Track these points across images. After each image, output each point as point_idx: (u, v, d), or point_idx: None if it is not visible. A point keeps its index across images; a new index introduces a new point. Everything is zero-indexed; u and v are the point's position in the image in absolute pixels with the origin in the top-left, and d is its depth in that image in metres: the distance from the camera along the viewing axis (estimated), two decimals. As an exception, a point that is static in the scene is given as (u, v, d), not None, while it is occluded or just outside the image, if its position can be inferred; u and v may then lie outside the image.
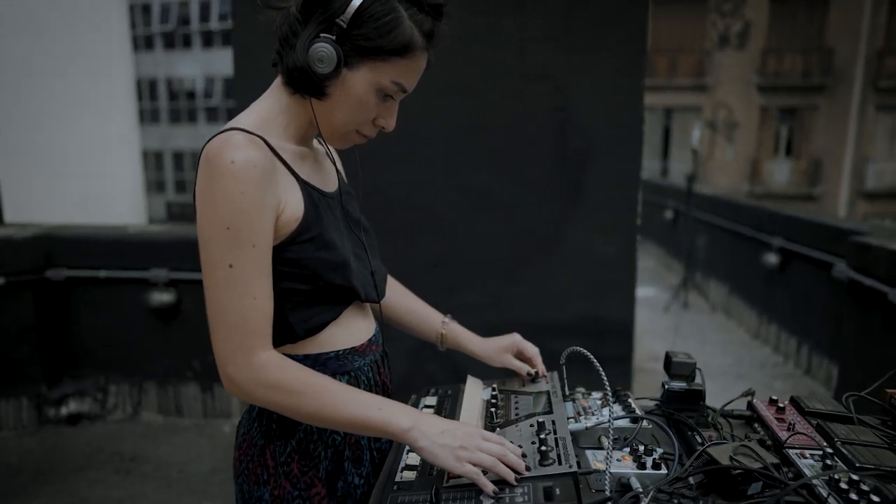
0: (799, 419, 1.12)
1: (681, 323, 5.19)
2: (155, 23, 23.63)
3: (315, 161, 1.02)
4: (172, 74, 23.77)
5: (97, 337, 3.37)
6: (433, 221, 2.25)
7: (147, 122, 21.33)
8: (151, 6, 23.49)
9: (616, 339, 2.26)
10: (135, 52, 10.25)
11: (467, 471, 0.84)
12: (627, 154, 2.13)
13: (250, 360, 0.85)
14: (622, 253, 2.21)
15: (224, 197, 0.82)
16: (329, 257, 0.93)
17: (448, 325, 1.26)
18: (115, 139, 6.81)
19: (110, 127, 6.64)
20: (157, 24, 23.62)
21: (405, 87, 0.94)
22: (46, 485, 2.76)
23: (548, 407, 1.10)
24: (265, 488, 0.98)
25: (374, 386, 1.06)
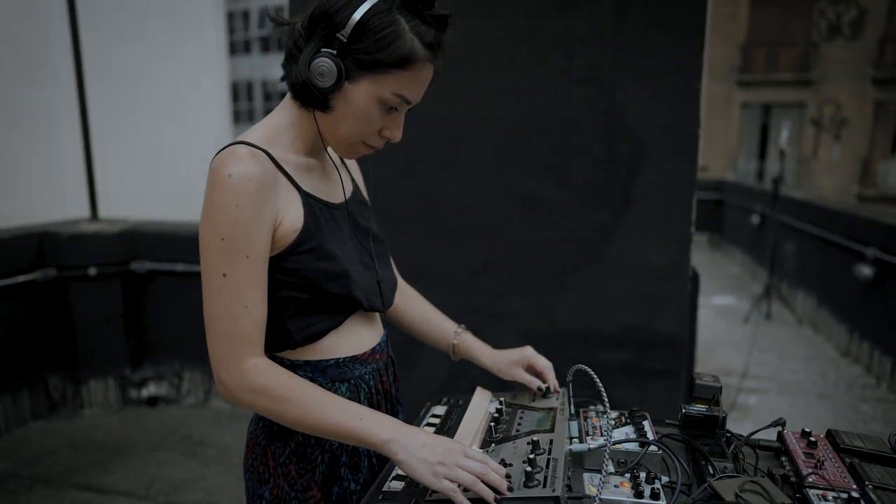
0: (831, 456, 1.03)
1: (761, 335, 4.88)
2: (253, 28, 25.01)
3: (323, 172, 1.04)
4: (268, 76, 25.06)
5: (174, 326, 3.62)
6: (479, 226, 2.24)
7: (243, 122, 22.58)
8: (250, 13, 24.85)
9: (666, 352, 2.16)
10: (233, 56, 10.90)
11: (444, 487, 0.83)
12: (681, 159, 2.03)
13: (240, 365, 0.89)
14: (674, 262, 2.11)
15: (220, 209, 0.86)
16: (328, 268, 0.95)
17: (460, 335, 1.25)
18: (210, 139, 7.26)
19: (205, 128, 7.09)
20: (254, 30, 24.99)
21: (408, 99, 0.94)
22: (123, 461, 2.99)
23: (550, 425, 1.07)
24: (266, 486, 1.02)
25: (374, 394, 1.07)
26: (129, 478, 2.84)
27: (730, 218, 8.57)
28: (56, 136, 3.75)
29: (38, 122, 3.65)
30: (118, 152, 4.18)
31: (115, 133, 3.59)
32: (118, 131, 3.36)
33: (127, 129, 3.20)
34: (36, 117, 3.63)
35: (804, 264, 5.56)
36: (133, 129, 4.47)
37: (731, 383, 3.88)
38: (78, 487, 2.77)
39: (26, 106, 3.58)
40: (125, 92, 3.98)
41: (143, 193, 4.73)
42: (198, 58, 6.71)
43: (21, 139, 3.57)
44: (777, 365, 4.27)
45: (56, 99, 3.73)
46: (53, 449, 3.15)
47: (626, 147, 2.06)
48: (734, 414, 3.41)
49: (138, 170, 4.67)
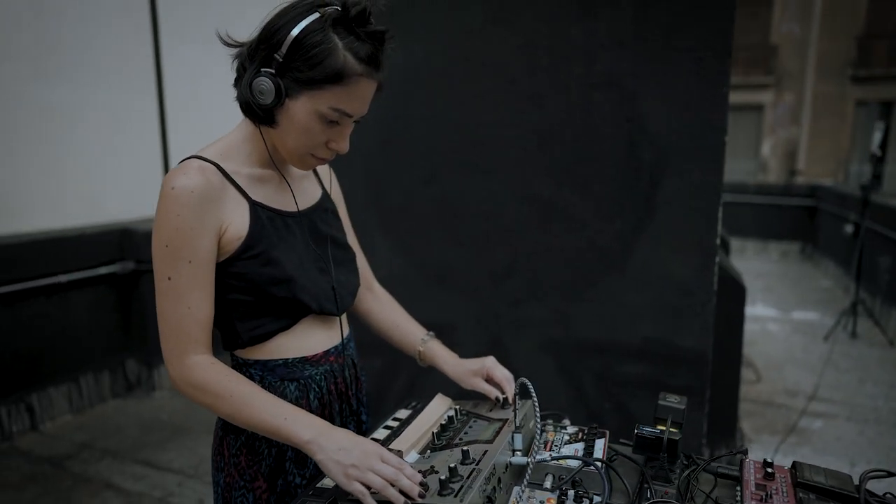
0: (785, 489, 0.97)
1: (843, 355, 4.50)
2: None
3: (279, 183, 1.10)
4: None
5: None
6: (499, 232, 2.24)
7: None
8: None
9: (688, 368, 2.07)
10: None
11: (354, 489, 0.87)
12: (706, 167, 1.94)
13: (182, 361, 0.96)
14: (698, 274, 2.01)
15: (163, 218, 0.94)
16: (272, 273, 1.01)
17: (427, 342, 1.28)
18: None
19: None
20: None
21: (348, 112, 0.98)
22: (179, 441, 3.24)
23: (493, 436, 1.08)
24: (221, 474, 1.10)
25: (326, 394, 1.12)
26: (182, 457, 3.07)
27: (824, 227, 7.94)
28: (137, 138, 4.10)
29: (123, 125, 4.00)
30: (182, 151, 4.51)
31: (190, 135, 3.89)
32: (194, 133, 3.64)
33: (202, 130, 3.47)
34: (121, 120, 3.98)
35: (899, 280, 5.07)
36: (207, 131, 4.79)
37: (794, 405, 3.62)
38: (139, 462, 3.04)
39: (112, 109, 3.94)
40: (201, 92, 4.26)
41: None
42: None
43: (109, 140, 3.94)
44: (854, 388, 3.92)
45: (137, 103, 4.09)
46: (124, 426, 3.46)
47: (649, 154, 2.00)
48: (792, 438, 3.18)
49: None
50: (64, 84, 3.66)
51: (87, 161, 3.84)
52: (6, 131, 3.44)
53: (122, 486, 2.82)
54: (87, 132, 3.81)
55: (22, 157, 3.52)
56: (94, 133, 3.85)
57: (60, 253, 3.46)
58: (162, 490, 2.79)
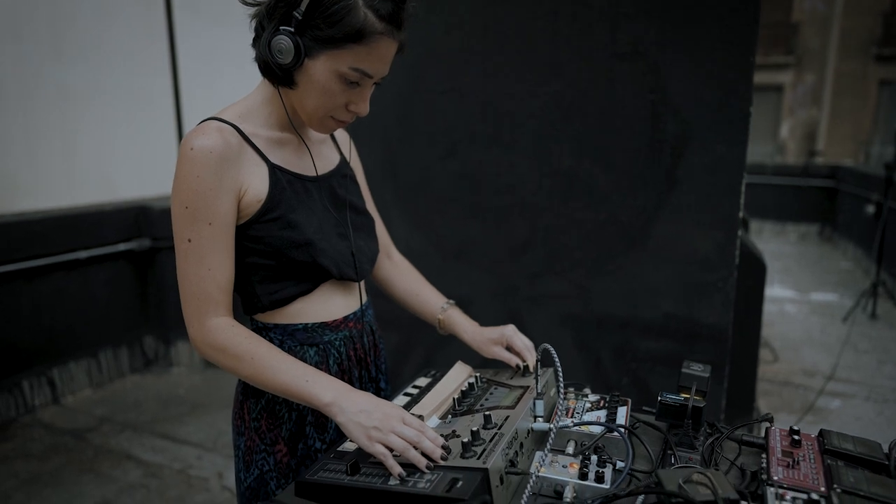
0: (812, 456, 0.96)
1: (862, 336, 4.44)
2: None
3: (299, 147, 1.09)
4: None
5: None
6: (518, 206, 2.22)
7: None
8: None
9: (709, 344, 2.05)
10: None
11: (376, 451, 0.87)
12: (731, 140, 1.89)
13: (203, 323, 0.96)
14: (720, 249, 1.98)
15: (183, 179, 0.94)
16: (292, 236, 1.00)
17: (447, 310, 1.27)
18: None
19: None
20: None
21: (368, 73, 0.96)
22: (198, 415, 3.28)
23: (515, 402, 1.07)
24: (241, 438, 1.10)
25: (345, 360, 1.12)
26: (201, 431, 3.11)
27: (844, 208, 7.81)
28: (152, 116, 4.10)
29: (138, 104, 4.01)
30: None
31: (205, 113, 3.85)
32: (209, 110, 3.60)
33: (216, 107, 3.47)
34: (137, 99, 3.99)
35: (922, 260, 4.97)
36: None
37: (812, 385, 3.58)
38: (158, 435, 3.08)
39: (127, 88, 3.94)
40: (217, 73, 4.25)
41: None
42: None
43: (124, 119, 3.95)
44: (873, 369, 3.87)
45: (152, 82, 4.08)
46: (143, 400, 3.51)
47: (672, 126, 1.96)
48: (810, 417, 3.15)
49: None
50: (79, 64, 3.67)
51: (103, 140, 3.85)
52: (23, 111, 3.46)
53: (142, 458, 2.87)
54: (102, 111, 3.82)
55: (38, 137, 3.54)
56: (110, 112, 3.85)
57: (79, 230, 3.49)
58: (181, 462, 2.83)
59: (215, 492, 2.59)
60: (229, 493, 2.57)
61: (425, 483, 0.84)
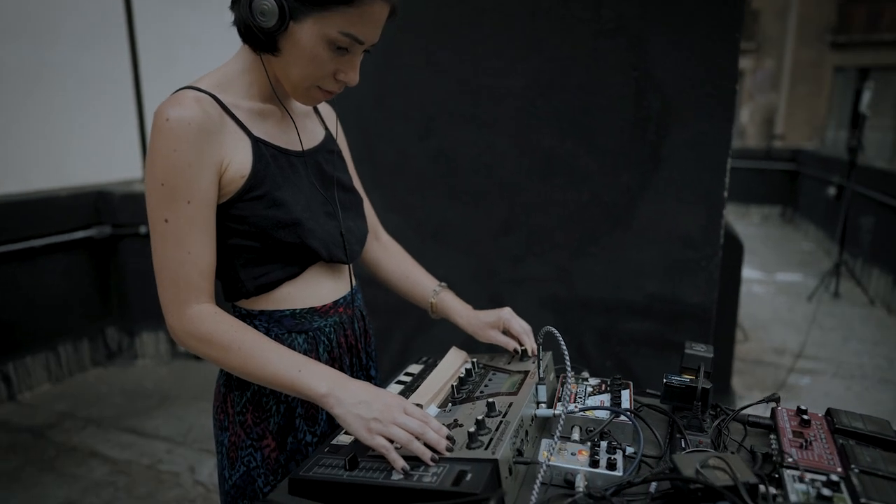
0: (823, 436, 0.93)
1: (826, 314, 4.55)
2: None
3: (282, 119, 1.01)
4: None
5: (220, 284, 3.76)
6: (498, 187, 2.16)
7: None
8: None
9: (694, 324, 2.04)
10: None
11: (377, 444, 0.81)
12: (716, 118, 1.87)
13: (183, 311, 0.88)
14: (705, 228, 1.96)
15: (159, 154, 0.85)
16: (278, 216, 0.93)
17: (439, 293, 1.21)
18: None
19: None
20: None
21: (359, 38, 0.89)
22: (166, 408, 3.16)
23: (517, 388, 1.02)
24: (225, 434, 1.02)
25: (335, 347, 1.05)
26: (170, 424, 2.99)
27: (805, 190, 8.00)
28: (110, 98, 3.90)
29: (97, 85, 3.81)
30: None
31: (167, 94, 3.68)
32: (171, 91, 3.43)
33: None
34: (95, 81, 3.79)
35: (882, 240, 5.12)
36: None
37: (782, 363, 3.65)
38: (124, 430, 2.95)
39: (86, 70, 3.74)
40: (179, 55, 4.07)
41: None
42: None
43: (82, 102, 3.75)
44: (838, 346, 3.97)
45: (111, 63, 3.88)
46: (107, 394, 3.36)
47: (656, 104, 1.92)
48: (781, 394, 3.20)
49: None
50: (32, 44, 3.44)
51: (58, 123, 3.64)
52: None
53: (109, 455, 2.75)
54: (55, 94, 3.61)
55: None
56: (63, 94, 3.64)
57: (33, 217, 3.30)
58: (150, 457, 2.72)
59: (188, 487, 2.50)
60: (202, 488, 2.48)
61: (431, 476, 0.79)
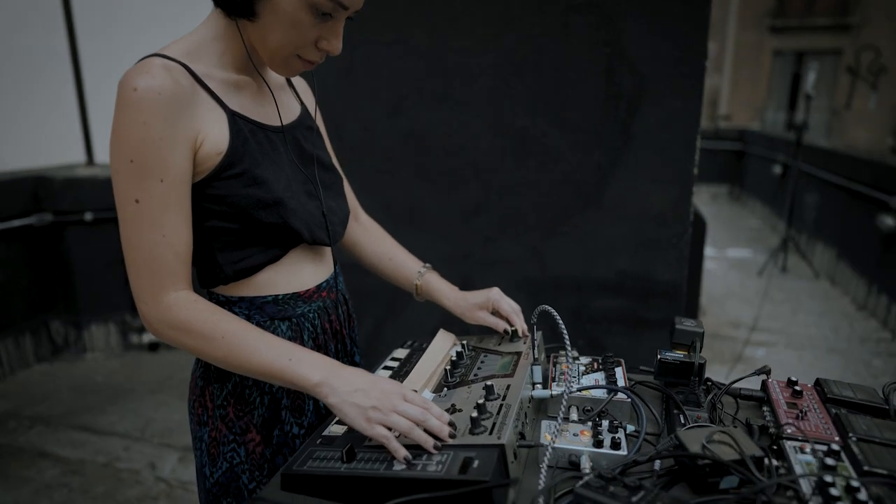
0: (816, 406, 0.94)
1: (775, 288, 4.73)
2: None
3: (258, 92, 0.94)
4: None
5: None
6: (470, 167, 2.12)
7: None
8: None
9: (664, 301, 2.06)
10: None
11: (377, 434, 0.76)
12: (686, 94, 1.88)
13: (159, 299, 0.81)
14: (675, 205, 1.98)
15: (126, 127, 0.77)
16: (258, 195, 0.86)
17: (424, 275, 1.16)
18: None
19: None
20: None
21: (343, 3, 0.82)
22: (121, 403, 3.02)
23: (512, 369, 0.99)
24: (204, 429, 0.96)
25: (320, 334, 1.00)
26: (126, 420, 2.86)
27: (751, 169, 8.28)
28: (46, 78, 3.65)
29: (31, 65, 3.55)
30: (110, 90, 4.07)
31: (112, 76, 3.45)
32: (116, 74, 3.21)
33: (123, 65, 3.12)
34: (29, 61, 3.53)
35: (825, 216, 5.35)
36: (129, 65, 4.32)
37: (738, 336, 3.78)
38: (76, 428, 2.81)
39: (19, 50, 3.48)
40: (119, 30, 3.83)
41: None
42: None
43: (15, 83, 3.49)
44: (788, 318, 4.14)
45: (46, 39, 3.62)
46: (54, 391, 3.19)
47: (627, 81, 1.91)
48: (739, 366, 3.32)
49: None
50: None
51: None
52: None
53: (60, 454, 2.60)
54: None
55: None
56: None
57: (-36, 204, 3.07)
58: (106, 455, 2.59)
59: (149, 484, 2.39)
60: (165, 485, 2.38)
61: (436, 465, 0.75)
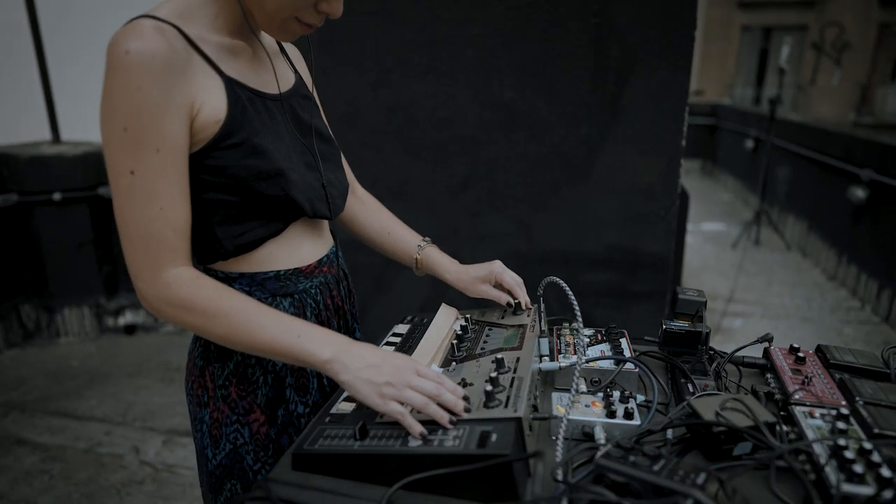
0: (820, 372, 0.95)
1: (749, 260, 4.83)
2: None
3: (254, 58, 0.89)
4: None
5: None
6: (457, 141, 2.09)
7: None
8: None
9: (652, 273, 2.08)
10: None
11: (391, 410, 0.74)
12: (674, 66, 1.87)
13: (158, 275, 0.77)
14: (664, 178, 1.98)
15: (119, 94, 0.72)
16: (259, 165, 0.82)
17: (424, 249, 1.14)
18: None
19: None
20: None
21: None
22: (99, 388, 2.95)
23: (519, 342, 0.98)
24: (205, 410, 0.93)
25: (323, 310, 0.97)
26: (106, 404, 2.80)
27: (723, 144, 8.38)
28: (10, 53, 3.48)
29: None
30: (81, 71, 3.91)
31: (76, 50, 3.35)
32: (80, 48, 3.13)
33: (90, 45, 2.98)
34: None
35: (797, 189, 5.45)
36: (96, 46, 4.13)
37: (716, 307, 3.85)
38: (54, 414, 2.73)
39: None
40: (83, 5, 3.66)
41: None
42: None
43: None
44: (763, 289, 4.23)
45: (4, 9, 3.44)
46: (28, 376, 3.10)
47: (616, 52, 1.89)
48: (718, 337, 3.39)
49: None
50: None
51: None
52: None
53: (38, 441, 2.54)
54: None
55: None
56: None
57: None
58: (87, 440, 2.53)
59: (133, 468, 2.35)
60: (150, 468, 2.34)
61: (453, 440, 0.73)
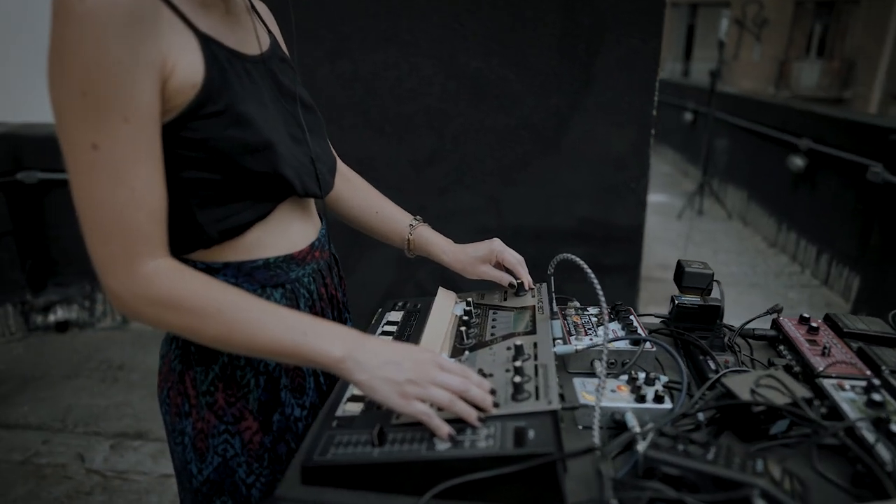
0: (836, 342, 0.93)
1: (694, 230, 4.96)
2: None
3: (228, 14, 0.77)
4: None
5: (80, 243, 3.22)
6: (421, 114, 1.99)
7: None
8: None
9: (623, 246, 2.06)
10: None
11: (416, 411, 0.66)
12: (646, 33, 1.83)
13: (133, 269, 0.65)
14: (634, 150, 1.96)
15: (73, 50, 0.59)
16: (245, 137, 0.71)
17: (416, 228, 1.05)
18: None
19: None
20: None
21: None
22: (32, 392, 2.71)
23: (530, 326, 0.91)
24: (187, 420, 0.81)
25: (316, 300, 0.87)
26: (41, 409, 2.56)
27: (661, 117, 8.57)
28: None
29: None
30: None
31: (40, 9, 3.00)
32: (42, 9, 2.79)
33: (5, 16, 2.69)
34: None
35: (736, 160, 5.63)
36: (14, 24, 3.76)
37: (669, 277, 3.92)
38: (-19, 424, 2.49)
39: None
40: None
41: (29, 91, 4.09)
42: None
43: None
44: (710, 258, 4.35)
45: None
46: (-52, 384, 2.80)
47: (587, 19, 1.83)
48: (674, 307, 3.46)
49: (21, 66, 4.01)
50: None
51: None
52: None
53: (-35, 455, 2.30)
54: None
55: None
56: None
57: None
58: (22, 451, 2.31)
59: (79, 478, 2.16)
60: (98, 477, 2.16)
61: (485, 440, 0.66)
